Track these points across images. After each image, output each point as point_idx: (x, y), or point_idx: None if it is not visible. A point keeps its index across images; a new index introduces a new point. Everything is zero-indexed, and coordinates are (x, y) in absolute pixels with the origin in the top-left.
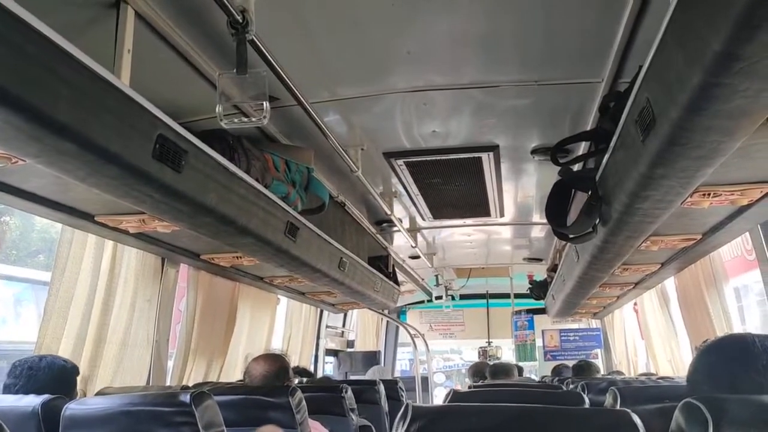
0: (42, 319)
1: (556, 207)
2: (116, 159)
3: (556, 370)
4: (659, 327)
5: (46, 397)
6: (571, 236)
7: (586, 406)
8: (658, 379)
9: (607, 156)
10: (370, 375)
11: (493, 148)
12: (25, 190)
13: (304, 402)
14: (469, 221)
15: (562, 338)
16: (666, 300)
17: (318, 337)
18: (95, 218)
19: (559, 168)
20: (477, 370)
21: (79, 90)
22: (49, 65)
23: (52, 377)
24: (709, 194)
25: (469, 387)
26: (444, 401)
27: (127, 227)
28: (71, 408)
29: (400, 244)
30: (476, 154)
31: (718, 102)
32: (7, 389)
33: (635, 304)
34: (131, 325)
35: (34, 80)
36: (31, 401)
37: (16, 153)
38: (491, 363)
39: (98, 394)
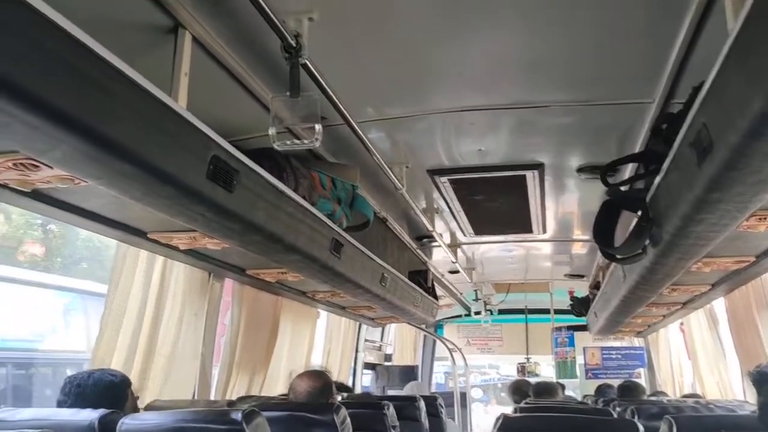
0: (98, 332)
1: (603, 227)
2: (172, 179)
3: (600, 390)
4: (707, 348)
5: (102, 411)
6: (618, 257)
7: None
8: (709, 403)
9: (659, 178)
10: (407, 390)
11: (538, 166)
12: (85, 209)
13: (348, 420)
14: (510, 237)
15: (604, 356)
16: (714, 320)
17: (357, 351)
18: (148, 235)
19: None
20: (517, 388)
21: (138, 112)
22: (110, 89)
23: (98, 394)
24: (765, 218)
25: (514, 410)
26: (494, 427)
27: (178, 244)
28: (126, 423)
29: (438, 258)
30: (521, 172)
31: None
32: (59, 405)
33: (681, 323)
34: (179, 339)
35: (96, 104)
36: (88, 415)
37: (80, 175)
38: (534, 382)
39: (148, 407)
